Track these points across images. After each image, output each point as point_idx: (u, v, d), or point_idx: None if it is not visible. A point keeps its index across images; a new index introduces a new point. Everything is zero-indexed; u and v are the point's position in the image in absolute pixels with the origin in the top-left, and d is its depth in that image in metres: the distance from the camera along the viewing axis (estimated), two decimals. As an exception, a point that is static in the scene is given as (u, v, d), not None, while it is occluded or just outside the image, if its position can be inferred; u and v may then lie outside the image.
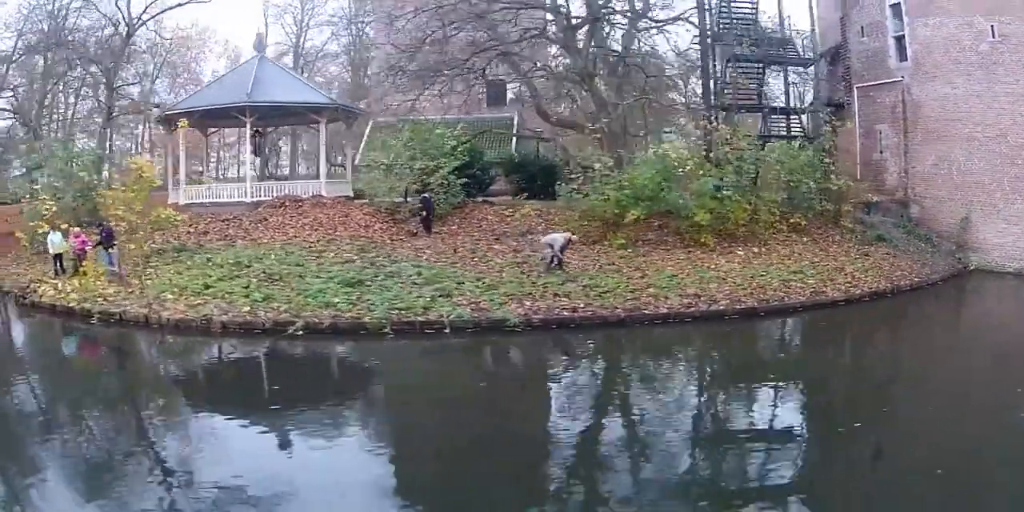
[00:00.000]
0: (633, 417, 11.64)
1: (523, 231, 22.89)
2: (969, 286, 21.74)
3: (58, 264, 21.97)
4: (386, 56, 35.13)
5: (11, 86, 36.48)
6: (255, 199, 26.85)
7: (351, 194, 28.22)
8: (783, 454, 9.68)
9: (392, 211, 24.71)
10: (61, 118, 43.43)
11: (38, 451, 9.63)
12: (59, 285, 20.12)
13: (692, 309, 17.51)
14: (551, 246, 19.06)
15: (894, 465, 9.09)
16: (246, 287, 18.25)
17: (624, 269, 19.65)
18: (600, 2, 26.79)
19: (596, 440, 10.48)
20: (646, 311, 17.20)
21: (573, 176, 23.35)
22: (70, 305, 18.73)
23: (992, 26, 21.82)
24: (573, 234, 19.75)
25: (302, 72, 46.37)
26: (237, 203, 26.69)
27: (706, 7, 25.54)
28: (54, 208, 24.68)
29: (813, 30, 26.04)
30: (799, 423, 11.21)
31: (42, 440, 10.11)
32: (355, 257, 20.70)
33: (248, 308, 16.99)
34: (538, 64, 28.11)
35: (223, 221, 25.30)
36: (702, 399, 12.90)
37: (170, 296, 18.12)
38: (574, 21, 26.79)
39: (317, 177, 30.38)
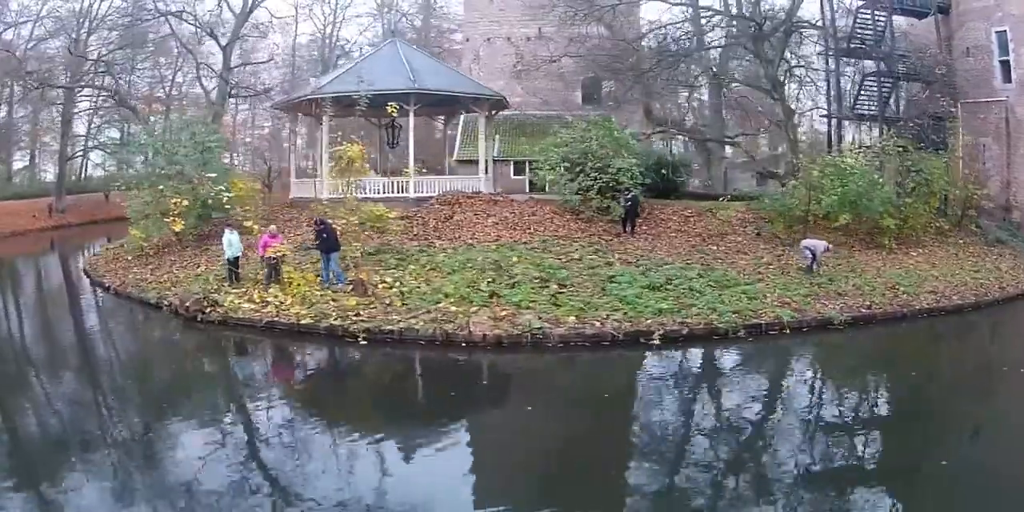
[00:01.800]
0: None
1: (722, 232, 25.71)
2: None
3: (235, 270, 20.66)
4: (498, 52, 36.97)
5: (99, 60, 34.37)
6: (418, 195, 27.66)
7: (494, 190, 29.61)
8: None
9: (576, 210, 26.39)
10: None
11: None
12: (254, 297, 18.90)
13: (943, 303, 21.40)
14: (811, 250, 22.07)
15: None
16: (554, 295, 18.56)
17: (856, 269, 22.96)
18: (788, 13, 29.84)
19: None
20: (916, 306, 20.81)
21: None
22: (301, 322, 17.38)
23: (1090, 56, 27.05)
24: (830, 243, 22.76)
25: (336, 61, 46.42)
26: (398, 199, 27.03)
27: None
28: (184, 202, 24.36)
29: (945, 45, 30.31)
30: None
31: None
32: (611, 259, 22.35)
33: (574, 317, 17.27)
34: (712, 70, 30.85)
35: (402, 219, 25.99)
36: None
37: (453, 308, 17.62)
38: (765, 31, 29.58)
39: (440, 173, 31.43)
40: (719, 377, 16.19)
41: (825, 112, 34.40)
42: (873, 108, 31.56)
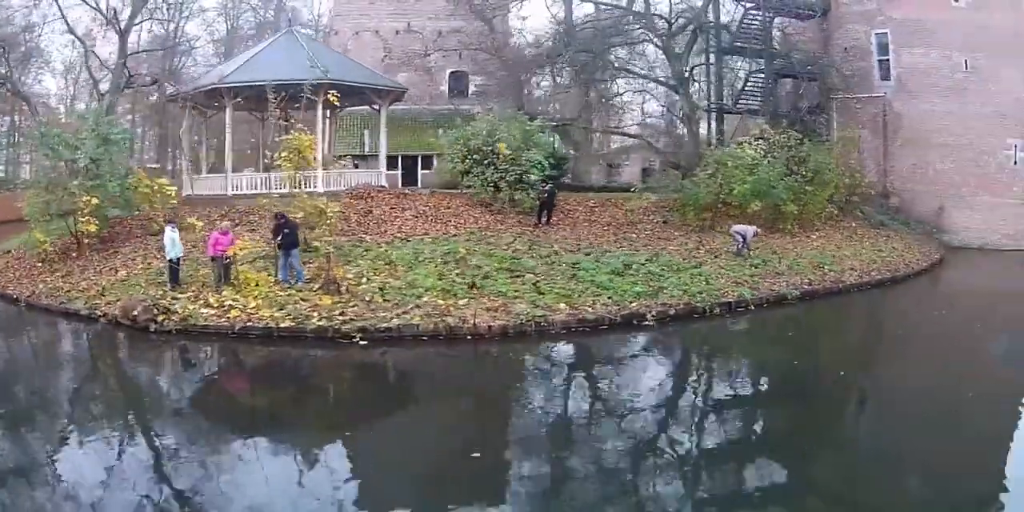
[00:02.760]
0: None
1: (631, 221, 26.65)
2: (966, 256, 29.86)
3: (175, 271, 18.94)
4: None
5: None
6: (328, 189, 26.48)
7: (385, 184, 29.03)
8: None
9: (486, 202, 26.58)
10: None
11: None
12: (210, 301, 17.34)
13: (866, 279, 23.49)
14: (742, 235, 23.29)
15: None
16: (535, 284, 18.62)
17: (776, 251, 24.37)
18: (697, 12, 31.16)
19: None
20: (847, 282, 22.72)
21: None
22: (281, 325, 16.11)
23: (965, 60, 30.41)
24: (758, 228, 24.13)
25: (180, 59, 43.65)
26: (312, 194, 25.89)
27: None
28: (94, 200, 21.98)
29: (824, 45, 32.93)
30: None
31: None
32: (555, 248, 22.30)
33: (563, 304, 17.46)
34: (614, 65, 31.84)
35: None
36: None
37: (440, 301, 17.10)
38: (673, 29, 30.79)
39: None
40: (746, 348, 17.66)
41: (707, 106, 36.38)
42: (756, 102, 33.79)
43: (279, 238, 18.60)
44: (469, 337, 15.99)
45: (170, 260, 19.00)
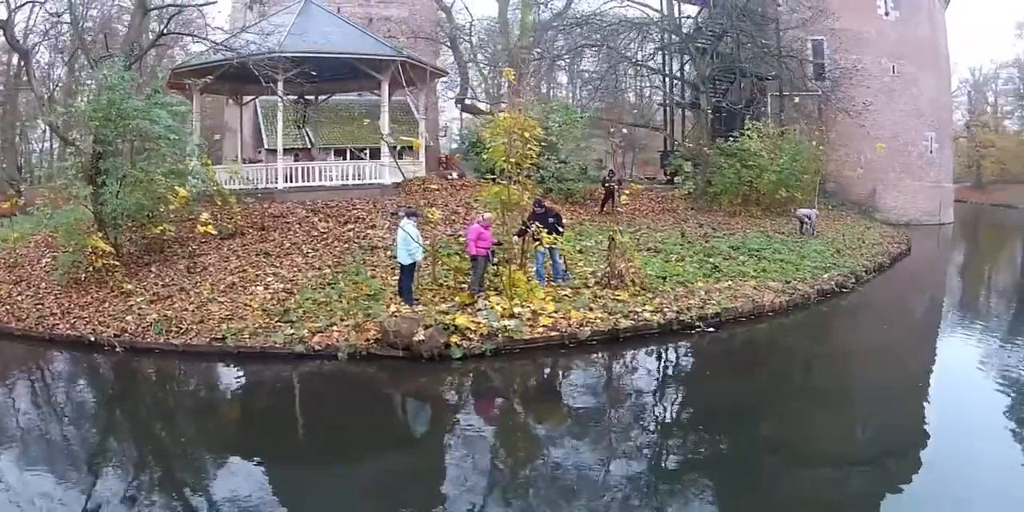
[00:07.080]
0: None
1: (667, 208, 31.09)
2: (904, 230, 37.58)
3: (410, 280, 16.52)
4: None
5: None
6: (394, 181, 26.93)
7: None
8: None
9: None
10: None
11: None
12: (496, 309, 15.59)
13: (901, 248, 30.35)
14: (808, 217, 28.50)
15: None
16: (755, 265, 21.76)
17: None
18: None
19: None
20: (894, 252, 29.06)
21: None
22: (620, 326, 15.85)
23: (892, 65, 38.23)
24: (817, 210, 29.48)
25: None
26: (369, 186, 26.41)
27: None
28: (182, 192, 19.14)
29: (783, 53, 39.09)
30: None
31: None
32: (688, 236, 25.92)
33: (791, 281, 20.54)
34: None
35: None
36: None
37: (718, 285, 19.04)
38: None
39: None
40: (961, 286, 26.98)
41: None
42: (713, 98, 39.32)
43: (556, 230, 18.03)
44: (770, 313, 18.37)
45: (409, 266, 16.33)
